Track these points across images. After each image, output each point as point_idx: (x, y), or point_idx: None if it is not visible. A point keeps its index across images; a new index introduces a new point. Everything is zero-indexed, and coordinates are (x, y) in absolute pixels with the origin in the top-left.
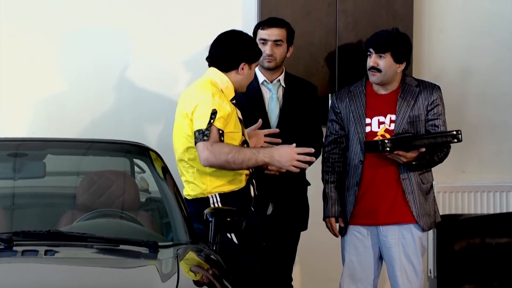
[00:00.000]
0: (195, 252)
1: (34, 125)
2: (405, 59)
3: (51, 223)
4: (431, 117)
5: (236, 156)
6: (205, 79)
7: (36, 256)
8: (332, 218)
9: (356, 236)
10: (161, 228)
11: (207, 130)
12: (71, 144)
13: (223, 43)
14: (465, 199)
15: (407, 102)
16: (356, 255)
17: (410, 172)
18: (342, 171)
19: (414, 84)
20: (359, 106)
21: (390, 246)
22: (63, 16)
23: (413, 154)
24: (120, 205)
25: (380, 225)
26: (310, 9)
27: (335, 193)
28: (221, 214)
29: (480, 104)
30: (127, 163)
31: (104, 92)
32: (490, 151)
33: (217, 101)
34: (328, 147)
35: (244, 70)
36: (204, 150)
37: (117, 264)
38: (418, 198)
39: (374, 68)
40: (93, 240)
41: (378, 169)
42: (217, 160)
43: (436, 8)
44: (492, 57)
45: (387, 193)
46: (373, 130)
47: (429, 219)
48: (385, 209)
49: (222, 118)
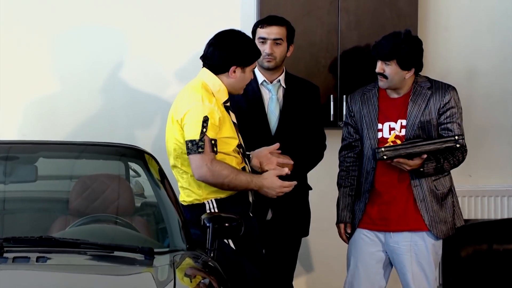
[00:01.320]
0: (192, 259)
1: (25, 127)
2: (414, 66)
3: (43, 228)
4: (443, 121)
5: (232, 182)
6: (197, 82)
7: (28, 263)
8: (342, 224)
9: (363, 240)
10: (157, 234)
11: (201, 141)
12: (63, 147)
13: (216, 43)
14: (471, 204)
15: (418, 106)
16: (361, 260)
17: (422, 179)
18: (357, 176)
19: (427, 86)
20: (371, 110)
21: (402, 252)
22: (55, 15)
23: (416, 162)
24: (115, 210)
25: (391, 231)
26: (311, 8)
27: (347, 198)
28: (219, 220)
29: (487, 106)
30: (122, 167)
31: (98, 93)
32: (498, 154)
33: (208, 106)
34: (343, 151)
35: (236, 73)
36: (203, 166)
37: (111, 272)
38: (431, 205)
39: (380, 74)
40: (86, 246)
41: (390, 176)
42: (214, 180)
43: (441, 6)
44: (499, 56)
45: (397, 200)
46: (384, 137)
47: (445, 226)
48: (396, 217)
49: (214, 126)
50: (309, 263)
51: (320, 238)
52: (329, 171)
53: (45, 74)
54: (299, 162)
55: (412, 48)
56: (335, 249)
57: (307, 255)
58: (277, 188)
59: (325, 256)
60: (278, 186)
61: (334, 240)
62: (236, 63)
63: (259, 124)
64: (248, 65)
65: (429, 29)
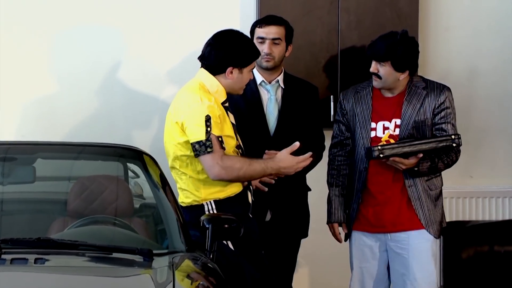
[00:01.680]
0: (192, 261)
1: (23, 128)
2: (408, 68)
3: (41, 230)
4: (438, 121)
5: (247, 172)
6: (195, 82)
7: (26, 264)
8: (335, 223)
9: (364, 242)
10: (155, 235)
11: (208, 140)
12: (62, 147)
13: (214, 43)
14: (472, 205)
15: (413, 106)
16: (364, 262)
17: (416, 179)
18: (348, 174)
19: (422, 86)
20: (365, 109)
21: (401, 252)
22: (54, 15)
23: (412, 161)
24: (113, 211)
25: (388, 232)
26: (311, 7)
27: (339, 197)
28: (218, 221)
29: (488, 107)
30: (121, 168)
31: (97, 94)
32: (499, 155)
33: (207, 104)
34: (333, 149)
35: (233, 74)
36: (215, 165)
37: (110, 273)
38: (426, 205)
39: (374, 73)
40: (85, 248)
41: (383, 176)
42: (229, 176)
43: (442, 6)
44: (500, 57)
45: (392, 201)
46: (378, 136)
47: (438, 226)
48: (391, 217)
49: (216, 123)
50: (309, 264)
51: (320, 239)
52: None
53: (44, 75)
54: None
55: (407, 50)
56: (335, 250)
57: (307, 256)
58: (294, 165)
59: (324, 257)
60: (295, 163)
61: (333, 241)
62: (233, 64)
63: (258, 125)
64: (245, 66)
65: (429, 29)
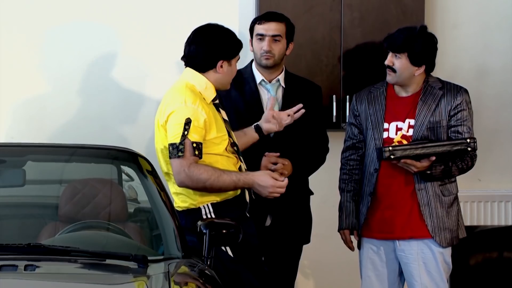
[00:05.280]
0: (188, 267)
1: (12, 130)
2: (425, 63)
3: (31, 235)
4: (454, 123)
5: (214, 184)
6: (181, 83)
7: (15, 271)
8: (346, 230)
9: (372, 250)
10: (151, 241)
11: (181, 144)
12: (53, 149)
13: (197, 40)
14: (481, 209)
15: (428, 106)
16: (373, 270)
17: (428, 182)
18: (360, 179)
19: (438, 86)
20: (378, 109)
21: (408, 261)
22: (44, 13)
23: (424, 163)
24: (107, 216)
25: (396, 239)
26: (313, 4)
27: (351, 203)
28: (216, 226)
29: (497, 107)
30: (114, 171)
31: (88, 94)
32: (508, 157)
33: (191, 107)
34: (345, 152)
35: (223, 68)
36: (181, 172)
37: (103, 280)
38: (435, 211)
39: (389, 67)
40: (77, 254)
41: (394, 179)
42: (193, 185)
43: (449, 2)
44: (509, 54)
45: (402, 205)
46: (390, 137)
47: (449, 234)
48: (401, 222)
49: (197, 128)
50: (311, 271)
51: (322, 245)
52: (331, 175)
53: (34, 75)
54: (299, 165)
55: (426, 43)
56: (338, 257)
57: (309, 263)
58: (269, 188)
59: (327, 264)
60: (270, 185)
61: (337, 247)
62: (222, 57)
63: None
64: (233, 57)
65: (436, 26)
